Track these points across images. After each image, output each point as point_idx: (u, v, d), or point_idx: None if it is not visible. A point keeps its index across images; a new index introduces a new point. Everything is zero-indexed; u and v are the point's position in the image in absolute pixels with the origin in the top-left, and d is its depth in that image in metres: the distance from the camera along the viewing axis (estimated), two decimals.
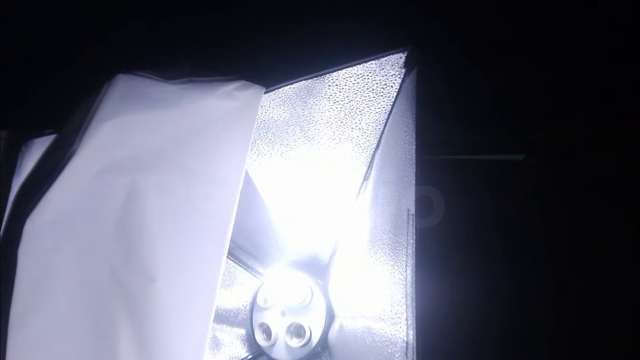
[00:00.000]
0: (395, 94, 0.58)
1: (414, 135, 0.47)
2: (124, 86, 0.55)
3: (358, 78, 0.57)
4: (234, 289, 0.80)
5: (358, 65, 0.55)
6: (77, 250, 0.52)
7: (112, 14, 0.61)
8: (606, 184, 0.67)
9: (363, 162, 0.67)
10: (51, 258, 0.51)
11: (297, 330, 0.76)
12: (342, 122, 0.63)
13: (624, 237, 0.64)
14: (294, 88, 0.59)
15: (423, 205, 0.45)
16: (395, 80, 0.56)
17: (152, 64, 0.58)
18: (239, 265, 0.80)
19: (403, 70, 0.55)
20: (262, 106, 0.59)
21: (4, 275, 0.48)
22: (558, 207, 0.69)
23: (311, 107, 0.62)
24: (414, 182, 0.45)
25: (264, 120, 0.64)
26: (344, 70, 0.56)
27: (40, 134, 0.64)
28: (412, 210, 0.45)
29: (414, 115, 0.48)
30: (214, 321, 0.53)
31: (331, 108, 0.61)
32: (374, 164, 0.66)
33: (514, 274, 0.66)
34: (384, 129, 0.62)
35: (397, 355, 0.45)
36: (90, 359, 0.50)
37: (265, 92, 0.58)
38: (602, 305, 0.62)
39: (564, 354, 0.62)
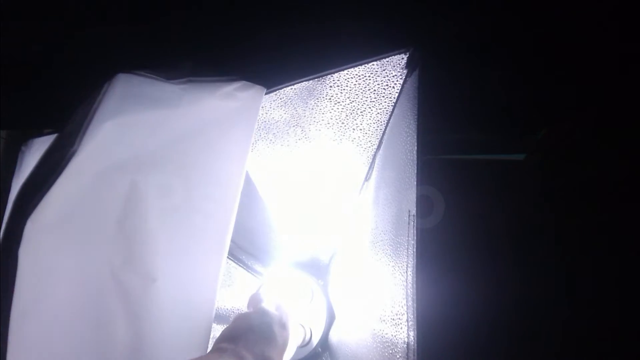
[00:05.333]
0: (396, 94, 0.58)
1: (415, 137, 0.47)
2: (124, 86, 0.55)
3: (359, 79, 0.57)
4: (234, 289, 0.80)
5: (359, 66, 0.55)
6: (78, 251, 0.52)
7: (113, 13, 0.60)
8: (607, 183, 0.67)
9: (364, 163, 0.67)
10: (52, 258, 0.51)
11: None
12: (343, 123, 0.62)
13: (626, 237, 0.64)
14: (295, 89, 0.59)
15: (423, 205, 0.45)
16: (397, 81, 0.56)
17: (152, 63, 0.58)
18: (239, 265, 0.80)
19: (405, 71, 0.55)
20: (262, 107, 0.59)
21: (4, 276, 0.48)
22: (559, 207, 0.69)
23: (312, 108, 0.61)
24: (415, 183, 0.45)
25: (265, 121, 0.64)
26: (346, 71, 0.56)
27: (40, 134, 0.64)
28: (413, 211, 0.45)
29: (416, 116, 0.47)
30: (214, 321, 0.53)
31: (332, 109, 0.61)
32: (375, 165, 0.66)
33: (514, 274, 0.66)
34: (385, 129, 0.62)
35: (398, 356, 0.45)
36: (91, 358, 0.50)
37: (266, 93, 0.58)
38: (605, 305, 0.62)
39: (567, 355, 0.62)
